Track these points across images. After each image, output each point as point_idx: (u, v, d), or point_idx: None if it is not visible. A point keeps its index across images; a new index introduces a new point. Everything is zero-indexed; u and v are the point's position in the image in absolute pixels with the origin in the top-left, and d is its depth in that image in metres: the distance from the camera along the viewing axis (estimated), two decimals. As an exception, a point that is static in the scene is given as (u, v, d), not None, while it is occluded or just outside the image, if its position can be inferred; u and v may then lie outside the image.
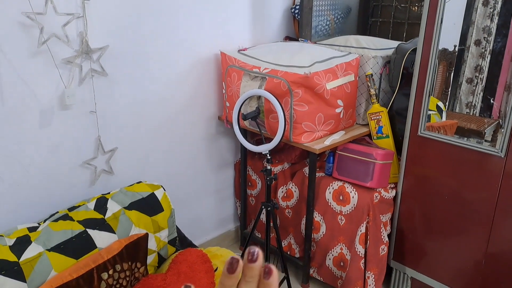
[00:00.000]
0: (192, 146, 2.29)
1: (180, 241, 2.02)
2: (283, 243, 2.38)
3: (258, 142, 2.31)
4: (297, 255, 2.32)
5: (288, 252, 2.35)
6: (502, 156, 1.73)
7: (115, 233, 1.68)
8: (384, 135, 2.14)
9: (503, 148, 1.72)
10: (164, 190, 1.91)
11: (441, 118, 2.11)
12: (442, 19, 1.80)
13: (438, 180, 1.95)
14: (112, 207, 1.75)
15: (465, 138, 2.03)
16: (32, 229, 1.58)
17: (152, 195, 1.86)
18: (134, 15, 1.88)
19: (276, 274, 0.43)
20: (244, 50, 2.13)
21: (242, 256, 1.86)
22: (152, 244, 1.81)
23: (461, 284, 1.96)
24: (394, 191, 2.10)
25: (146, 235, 1.71)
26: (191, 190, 2.38)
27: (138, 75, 1.96)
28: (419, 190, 2.02)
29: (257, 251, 0.42)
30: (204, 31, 2.14)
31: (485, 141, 1.99)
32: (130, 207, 1.78)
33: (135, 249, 1.67)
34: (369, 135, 2.19)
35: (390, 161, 2.06)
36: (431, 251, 2.04)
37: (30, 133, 1.68)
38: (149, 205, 1.83)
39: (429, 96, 1.91)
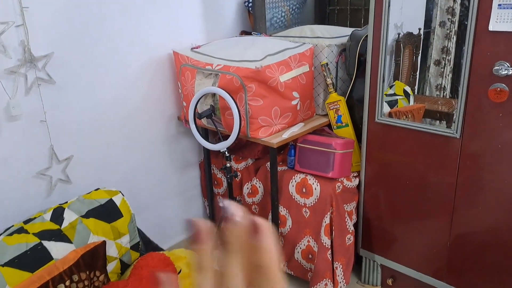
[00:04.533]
0: (152, 148, 2.26)
1: (145, 246, 2.00)
2: (253, 239, 2.37)
3: (219, 140, 2.29)
4: (267, 250, 2.31)
5: (259, 248, 2.34)
6: (458, 137, 1.73)
7: (72, 243, 1.65)
8: (343, 124, 2.14)
9: (458, 129, 1.73)
10: (123, 195, 1.88)
11: (409, 102, 2.11)
12: (389, 2, 1.79)
13: (399, 166, 1.95)
14: (69, 217, 1.72)
15: (428, 121, 2.04)
16: (-16, 246, 1.55)
17: (110, 202, 1.83)
18: (78, 20, 1.84)
19: (267, 229, 0.31)
20: (197, 48, 2.11)
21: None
22: (113, 251, 1.78)
23: (428, 268, 1.97)
24: (357, 180, 2.10)
25: (104, 243, 1.68)
26: (155, 193, 2.35)
27: (88, 80, 1.92)
28: (382, 177, 2.02)
29: (227, 201, 0.31)
30: (155, 30, 2.11)
31: (444, 122, 2.00)
32: (88, 215, 1.75)
33: (93, 258, 1.64)
34: (330, 125, 2.18)
35: (350, 150, 2.06)
36: (398, 237, 2.05)
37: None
38: (107, 211, 1.80)
39: (383, 82, 1.91)
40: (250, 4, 2.36)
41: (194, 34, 2.28)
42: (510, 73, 1.52)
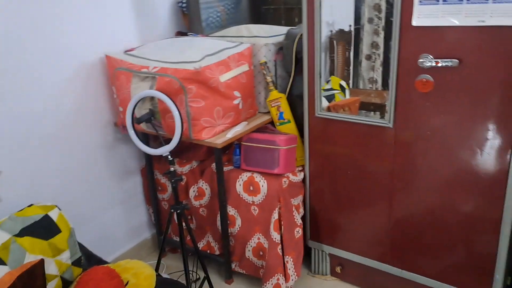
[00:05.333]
0: (89, 158, 2.15)
1: (87, 260, 1.89)
2: (201, 243, 2.34)
3: (161, 144, 2.23)
4: (217, 252, 2.29)
5: (208, 251, 2.32)
6: (391, 127, 1.83)
7: (6, 265, 1.52)
8: (286, 121, 2.17)
9: (391, 119, 1.82)
10: (60, 209, 1.76)
11: (345, 96, 2.19)
12: (320, 1, 1.85)
13: (340, 157, 2.02)
14: (1, 237, 1.59)
15: (364, 113, 2.13)
16: None
17: (46, 217, 1.71)
18: (2, 24, 1.70)
19: None
20: (131, 51, 2.04)
21: (156, 268, 1.75)
22: (52, 269, 1.67)
23: (373, 252, 2.06)
24: (302, 174, 2.15)
25: (42, 261, 1.57)
26: (96, 204, 2.24)
27: (13, 90, 1.78)
28: (325, 169, 2.08)
29: None
30: (86, 34, 2.01)
31: (378, 113, 2.10)
32: (22, 233, 1.62)
33: (31, 278, 1.52)
34: (272, 123, 2.21)
35: (294, 145, 2.10)
36: (343, 226, 2.12)
37: None
38: (43, 228, 1.68)
39: (320, 77, 1.97)
40: (184, 5, 2.33)
41: (127, 37, 2.20)
42: (434, 64, 1.63)
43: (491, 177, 1.66)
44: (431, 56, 1.64)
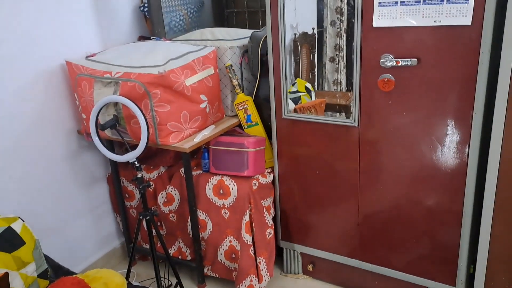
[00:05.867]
0: (52, 167, 2.08)
1: (55, 272, 1.83)
2: (172, 249, 2.31)
3: (127, 151, 2.19)
4: (189, 257, 2.27)
5: (179, 257, 2.29)
6: (356, 126, 1.87)
7: (-35, 283, 1.45)
8: (253, 123, 2.18)
9: (356, 118, 1.87)
10: (23, 221, 1.70)
11: (311, 98, 2.22)
12: (283, 4, 1.87)
13: (308, 157, 2.04)
14: (-42, 254, 1.51)
15: (330, 114, 2.17)
16: None
17: (9, 229, 1.64)
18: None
19: None
20: (92, 56, 1.99)
21: (127, 276, 1.71)
22: (17, 283, 1.60)
23: (343, 249, 2.10)
24: (271, 175, 2.17)
25: (6, 275, 1.51)
26: (61, 214, 2.17)
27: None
28: (294, 169, 2.11)
29: None
30: (44, 40, 1.94)
31: (343, 114, 2.15)
32: (-18, 249, 1.55)
33: (-7, 295, 1.46)
34: (240, 125, 2.21)
35: (262, 147, 2.11)
36: (313, 225, 2.15)
37: None
38: (6, 240, 1.61)
39: (286, 80, 1.99)
40: (146, 9, 2.30)
41: (88, 42, 2.14)
42: (394, 64, 1.69)
43: (452, 171, 1.73)
44: (392, 56, 1.69)
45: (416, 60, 1.64)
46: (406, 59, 1.66)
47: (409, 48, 1.65)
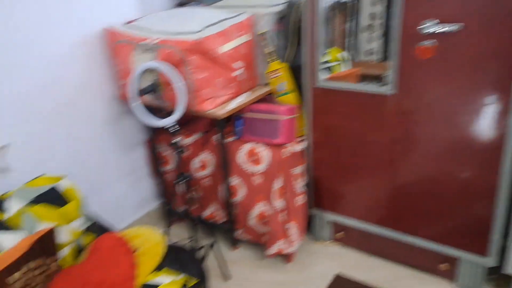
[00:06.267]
0: (95, 130, 2.19)
1: (97, 229, 1.96)
2: (206, 212, 2.40)
3: (164, 116, 2.26)
4: (222, 221, 2.36)
5: (213, 220, 2.38)
6: (392, 95, 1.85)
7: (20, 232, 1.59)
8: (286, 91, 2.19)
9: (392, 88, 1.84)
10: (69, 179, 1.82)
11: (344, 68, 2.20)
12: (321, -30, 1.84)
13: (341, 127, 2.04)
14: (13, 206, 1.64)
15: (363, 83, 2.14)
16: None
17: (56, 187, 1.77)
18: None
19: None
20: (131, 23, 2.04)
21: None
22: (64, 237, 1.74)
23: (373, 217, 2.12)
24: (303, 144, 2.19)
25: (53, 229, 1.64)
26: (103, 175, 2.30)
27: (16, 64, 1.81)
28: (327, 138, 2.12)
29: None
30: (85, 7, 2.01)
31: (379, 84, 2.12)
32: (34, 202, 1.68)
33: (44, 244, 1.59)
34: (273, 93, 2.23)
35: (295, 115, 2.12)
36: (345, 193, 2.17)
37: None
38: (54, 197, 1.74)
39: (320, 47, 1.97)
40: (184, -24, 2.32)
41: (127, 9, 2.20)
42: (435, 30, 1.64)
43: (489, 143, 1.69)
44: (433, 22, 1.64)
45: (460, 25, 1.58)
46: (450, 24, 1.60)
47: (453, 13, 1.59)
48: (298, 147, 2.15)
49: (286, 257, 2.23)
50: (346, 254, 2.27)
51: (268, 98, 2.23)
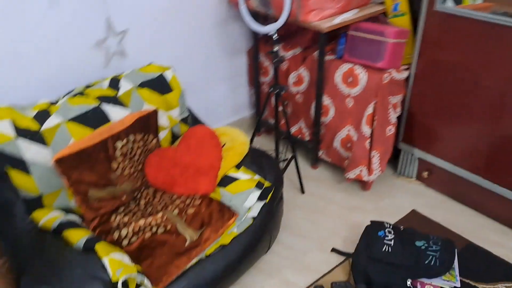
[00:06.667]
0: (203, 31, 2.29)
1: (193, 122, 2.13)
2: (294, 128, 2.45)
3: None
4: (307, 139, 2.39)
5: (299, 136, 2.43)
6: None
7: (127, 108, 1.80)
8: (400, 13, 2.03)
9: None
10: (174, 71, 1.97)
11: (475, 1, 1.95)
12: None
13: (454, 61, 1.87)
14: (125, 86, 1.85)
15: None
16: (52, 103, 1.72)
17: (162, 76, 1.93)
18: None
19: None
20: None
21: (250, 140, 1.90)
22: (164, 121, 1.93)
23: (466, 163, 1.98)
24: (407, 73, 2.06)
25: (156, 111, 1.82)
26: (204, 76, 2.43)
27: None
28: (434, 72, 1.96)
29: None
30: None
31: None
32: (142, 86, 1.87)
33: (146, 122, 1.79)
34: (385, 14, 2.08)
35: (404, 40, 1.98)
36: (440, 133, 2.04)
37: (39, 13, 1.74)
38: (159, 84, 1.91)
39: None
40: None
41: None
42: None
43: None
44: None
45: None
46: None
47: None
48: (400, 75, 2.03)
49: (364, 185, 2.23)
50: (427, 193, 2.19)
51: (380, 18, 2.09)
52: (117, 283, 1.34)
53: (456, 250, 1.74)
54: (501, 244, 1.88)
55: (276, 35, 1.91)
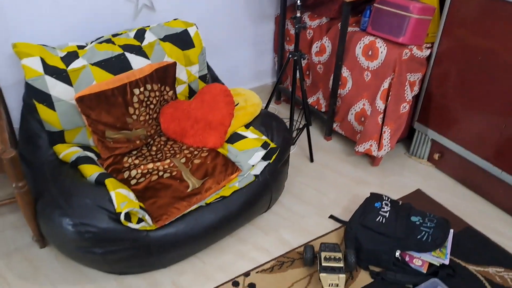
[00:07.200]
0: (232, -6, 2.34)
1: (212, 81, 2.21)
2: (312, 98, 2.48)
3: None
4: (323, 110, 2.42)
5: (316, 107, 2.46)
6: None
7: (149, 59, 1.89)
8: (429, -10, 1.99)
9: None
10: (197, 28, 2.03)
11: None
12: None
13: (479, 44, 1.82)
14: (149, 38, 1.94)
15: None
16: (80, 47, 1.84)
17: (185, 31, 2.01)
18: None
19: None
20: None
21: (266, 106, 1.98)
22: (183, 76, 2.02)
23: (479, 148, 1.96)
24: (428, 51, 2.03)
25: (174, 64, 1.90)
26: (229, 39, 2.49)
27: None
28: (457, 53, 1.92)
29: None
30: None
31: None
32: (165, 39, 1.95)
33: (164, 74, 1.88)
34: (415, -10, 2.04)
35: (428, 17, 1.95)
36: (456, 116, 2.02)
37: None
38: (181, 39, 1.99)
39: None
40: None
41: None
42: None
43: None
44: None
45: None
46: None
47: None
48: (422, 53, 2.01)
49: (373, 160, 2.25)
50: (436, 175, 2.19)
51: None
52: (120, 213, 1.47)
53: (452, 230, 1.75)
54: (500, 231, 1.86)
55: (299, 1, 1.93)
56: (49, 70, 1.69)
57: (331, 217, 1.93)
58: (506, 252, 1.76)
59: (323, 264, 1.56)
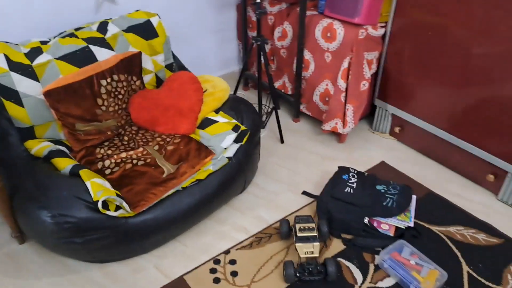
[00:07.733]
0: (192, -18, 2.37)
1: (179, 70, 2.24)
2: (278, 82, 2.56)
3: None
4: (290, 93, 2.51)
5: (283, 90, 2.54)
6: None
7: (113, 50, 1.91)
8: (381, -29, 2.10)
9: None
10: (160, 18, 2.06)
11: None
12: None
13: (431, 22, 1.94)
14: (112, 29, 1.95)
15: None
16: (44, 43, 1.83)
17: (148, 22, 2.03)
18: None
19: None
20: None
21: (234, 92, 2.03)
22: (149, 66, 2.04)
23: (437, 120, 2.09)
24: (383, 30, 2.14)
25: (139, 53, 1.93)
26: (192, 28, 2.52)
27: None
28: (410, 30, 2.04)
29: None
30: None
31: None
32: (128, 30, 1.97)
33: (130, 64, 1.90)
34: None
35: (382, -3, 2.06)
36: (413, 91, 2.14)
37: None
38: (145, 30, 2.02)
39: None
40: None
41: None
42: None
43: None
44: None
45: None
46: None
47: None
48: (376, 32, 2.12)
49: (339, 137, 2.36)
50: (398, 147, 2.32)
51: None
52: (97, 202, 1.50)
53: (414, 195, 1.88)
54: (460, 194, 2.01)
55: (259, -13, 2.00)
56: (14, 66, 1.68)
57: (304, 193, 2.02)
58: (465, 212, 1.90)
59: (298, 235, 1.65)
